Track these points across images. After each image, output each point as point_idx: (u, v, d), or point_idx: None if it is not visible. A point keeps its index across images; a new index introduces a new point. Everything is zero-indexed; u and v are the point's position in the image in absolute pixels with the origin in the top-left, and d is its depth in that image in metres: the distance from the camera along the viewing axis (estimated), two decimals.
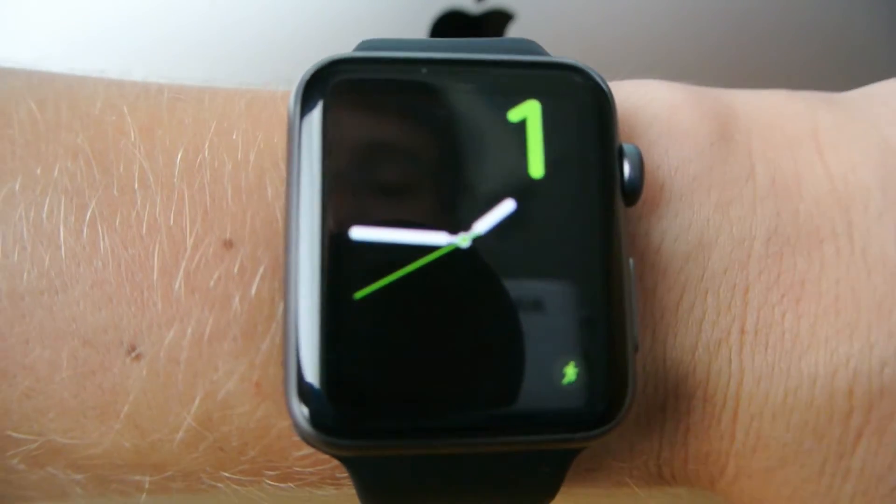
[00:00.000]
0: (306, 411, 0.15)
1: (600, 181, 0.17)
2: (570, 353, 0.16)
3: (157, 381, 0.16)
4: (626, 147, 0.17)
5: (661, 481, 0.19)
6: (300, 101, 0.16)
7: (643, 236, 0.18)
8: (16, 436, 0.17)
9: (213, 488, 0.18)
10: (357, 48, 0.18)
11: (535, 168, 0.17)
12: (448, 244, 0.16)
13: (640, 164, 0.17)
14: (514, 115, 0.17)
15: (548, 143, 0.17)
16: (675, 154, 0.18)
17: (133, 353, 0.16)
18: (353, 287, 0.16)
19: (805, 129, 0.19)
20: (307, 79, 0.17)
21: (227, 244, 0.17)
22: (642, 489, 0.19)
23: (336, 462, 0.17)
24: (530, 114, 0.17)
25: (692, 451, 0.18)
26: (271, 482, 0.18)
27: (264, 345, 0.17)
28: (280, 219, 0.17)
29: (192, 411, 0.17)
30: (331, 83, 0.17)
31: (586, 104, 0.17)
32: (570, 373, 0.16)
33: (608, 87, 0.17)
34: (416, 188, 0.16)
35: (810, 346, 0.18)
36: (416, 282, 0.16)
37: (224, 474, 0.18)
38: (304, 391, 0.15)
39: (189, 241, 0.17)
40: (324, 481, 0.18)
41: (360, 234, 0.16)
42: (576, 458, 0.17)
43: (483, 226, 0.16)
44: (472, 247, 0.16)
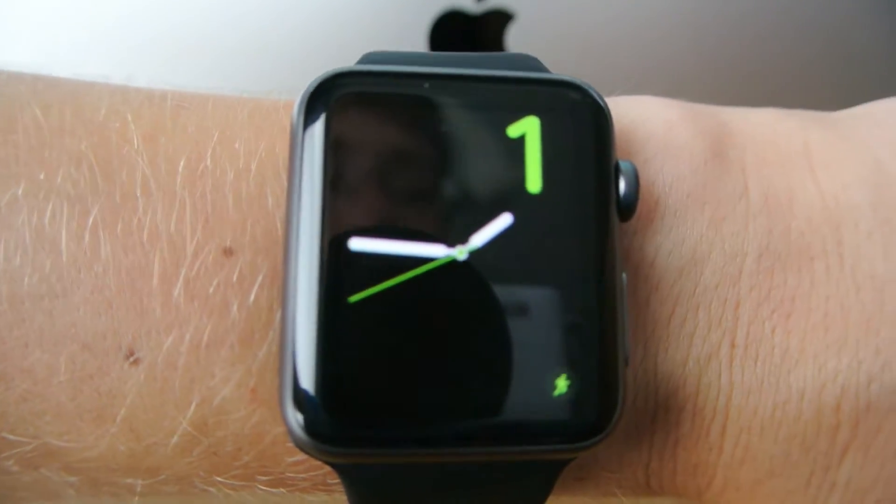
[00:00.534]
0: (301, 419, 0.16)
1: (596, 197, 0.17)
2: (562, 365, 0.16)
3: (154, 386, 0.17)
4: (622, 164, 0.18)
5: (649, 492, 0.19)
6: (303, 112, 0.17)
7: (637, 250, 0.18)
8: (11, 438, 0.17)
9: (206, 492, 0.18)
10: (360, 61, 0.18)
11: (533, 183, 0.17)
12: (445, 256, 0.16)
13: (635, 181, 0.17)
14: (514, 130, 0.17)
15: (546, 159, 0.17)
16: (669, 171, 0.18)
17: (131, 358, 0.17)
18: (350, 294, 0.16)
19: (798, 148, 0.19)
20: (311, 91, 0.17)
21: (228, 252, 0.17)
22: (630, 499, 0.20)
23: (328, 468, 0.17)
24: (529, 130, 0.17)
25: (681, 463, 0.19)
26: (263, 487, 0.18)
27: (261, 352, 0.17)
28: (280, 228, 0.17)
29: (188, 416, 0.17)
30: (334, 96, 0.17)
31: (584, 121, 0.17)
32: (562, 385, 0.16)
33: (606, 105, 0.18)
34: (415, 201, 0.17)
35: (799, 361, 0.18)
36: (412, 293, 0.16)
37: (217, 478, 0.18)
38: (299, 399, 0.16)
39: (189, 249, 0.17)
40: (315, 487, 0.18)
41: (358, 245, 0.16)
42: (565, 468, 0.18)
43: (480, 239, 0.16)
44: (469, 259, 0.16)
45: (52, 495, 0.19)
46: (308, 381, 0.16)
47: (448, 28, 0.31)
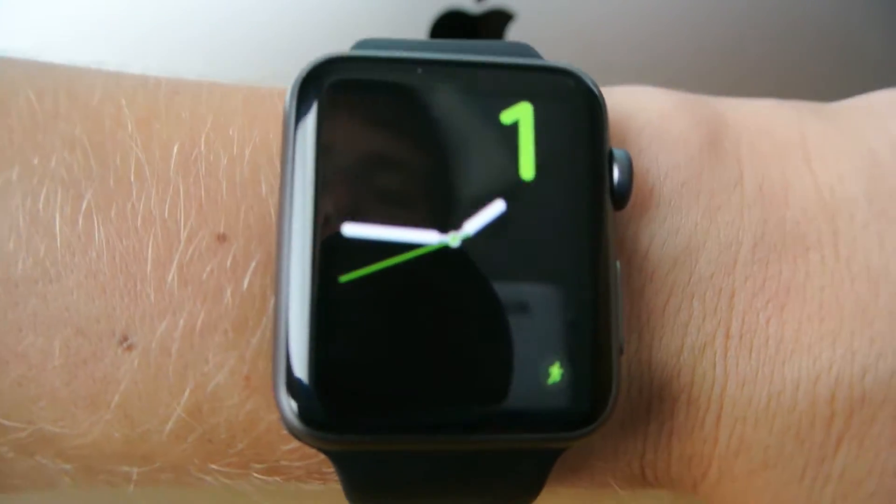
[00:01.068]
0: (294, 405, 0.16)
1: (589, 185, 0.17)
2: (556, 353, 0.16)
3: (148, 372, 0.17)
4: (616, 152, 0.18)
5: (645, 483, 0.19)
6: (296, 98, 0.17)
7: (632, 240, 0.18)
8: (6, 423, 0.17)
9: (201, 481, 0.18)
10: (354, 47, 0.18)
11: (526, 170, 0.17)
12: (438, 243, 0.16)
13: (629, 169, 0.17)
14: (507, 116, 0.17)
15: (539, 146, 0.17)
16: (664, 160, 0.18)
17: (125, 344, 0.17)
18: (345, 286, 0.16)
19: (794, 138, 0.19)
20: (303, 77, 0.17)
21: (221, 238, 0.17)
22: (626, 490, 0.20)
23: (323, 456, 0.17)
24: (522, 116, 0.17)
25: (676, 454, 0.19)
26: (259, 475, 0.18)
27: (255, 339, 0.17)
28: (273, 214, 0.17)
29: (182, 402, 0.17)
30: (326, 82, 0.17)
31: (578, 108, 0.17)
32: (555, 373, 0.16)
33: (600, 92, 0.18)
34: (408, 187, 0.17)
35: (794, 351, 0.18)
36: (405, 280, 0.16)
37: (212, 466, 0.18)
38: (292, 385, 0.16)
39: (183, 234, 0.17)
40: (310, 475, 0.18)
41: (351, 230, 0.16)
42: (560, 458, 0.18)
43: (473, 226, 0.16)
44: (462, 246, 0.16)
45: (47, 483, 0.19)
46: (301, 367, 0.16)
47: (448, 28, 0.31)
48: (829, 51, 0.33)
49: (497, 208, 0.17)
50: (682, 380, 0.18)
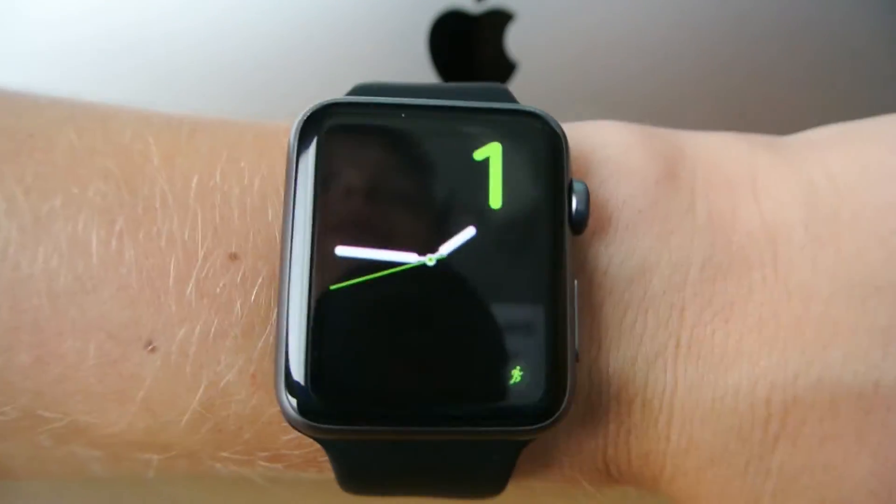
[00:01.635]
0: (293, 400, 0.18)
1: (550, 212, 0.19)
2: (517, 358, 0.19)
3: (169, 371, 0.19)
4: (575, 184, 0.20)
5: (610, 479, 0.21)
6: (297, 138, 0.19)
7: (593, 260, 0.20)
8: (46, 415, 0.20)
9: (213, 468, 0.21)
10: (350, 91, 0.21)
11: (495, 200, 0.19)
12: (416, 262, 0.19)
13: (586, 199, 0.20)
14: (479, 154, 0.20)
15: (506, 179, 0.19)
16: (623, 190, 0.21)
17: (149, 347, 0.19)
18: (337, 298, 0.19)
19: (744, 170, 0.22)
20: (304, 119, 0.19)
21: (233, 257, 0.20)
22: (595, 487, 0.22)
23: (317, 446, 0.19)
24: (493, 154, 0.20)
25: (634, 451, 0.21)
26: (263, 462, 0.20)
27: (260, 343, 0.19)
28: (278, 237, 0.20)
29: (198, 397, 0.19)
30: (324, 125, 0.19)
31: (541, 146, 0.20)
32: (517, 375, 0.19)
33: (562, 131, 0.20)
34: (392, 215, 0.19)
35: (735, 360, 0.20)
36: (388, 293, 0.19)
37: (222, 454, 0.20)
38: (291, 383, 0.18)
39: (200, 254, 0.19)
40: (308, 464, 0.21)
41: (343, 251, 0.19)
42: (530, 453, 0.20)
43: (447, 248, 0.19)
44: (437, 265, 0.19)
45: (78, 469, 0.21)
46: (299, 368, 0.18)
47: (448, 28, 0.32)
48: (829, 51, 0.33)
49: (468, 233, 0.19)
50: (636, 384, 0.20)
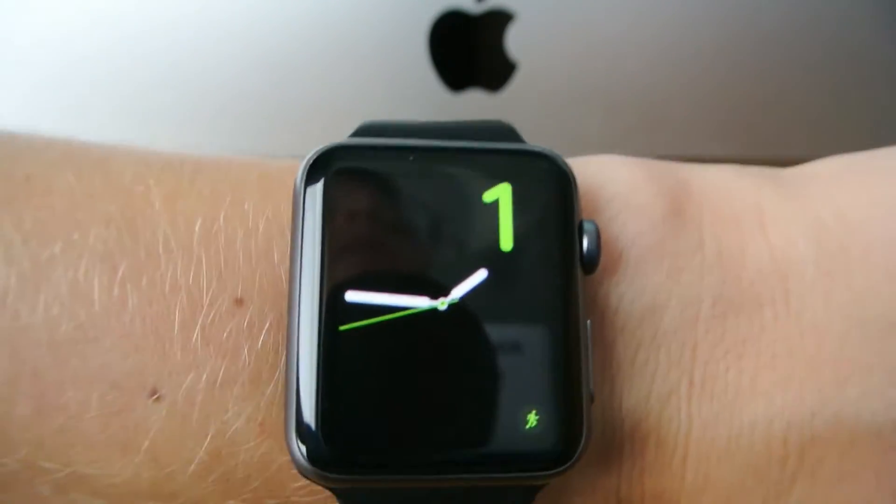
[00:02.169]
0: (304, 449, 0.18)
1: (561, 253, 0.19)
2: (532, 402, 0.18)
3: (175, 421, 0.19)
4: (586, 224, 0.20)
5: None
6: (304, 182, 0.19)
7: (603, 298, 0.20)
8: (46, 465, 0.19)
9: None
10: (355, 131, 0.20)
11: (506, 242, 0.19)
12: (428, 306, 0.19)
13: (597, 239, 0.20)
14: (489, 196, 0.19)
15: (517, 221, 0.19)
16: (632, 227, 0.21)
17: (154, 396, 0.19)
18: (348, 344, 0.18)
19: (751, 205, 0.22)
20: (310, 163, 0.19)
21: (239, 302, 0.19)
22: None
23: (328, 493, 0.19)
24: (502, 195, 0.19)
25: (648, 490, 0.20)
26: None
27: (268, 390, 0.19)
28: (284, 280, 0.19)
29: (205, 447, 0.19)
30: (331, 168, 0.19)
31: (551, 186, 0.20)
32: (532, 419, 0.18)
33: (571, 171, 0.20)
34: (403, 259, 0.19)
35: (750, 397, 0.20)
36: (400, 340, 0.18)
37: (229, 502, 0.20)
38: (302, 432, 0.18)
39: (205, 300, 0.19)
40: None
41: (353, 297, 0.18)
42: (542, 495, 0.20)
43: (459, 292, 0.19)
44: (449, 309, 0.19)
45: None
46: (310, 416, 0.18)
47: (448, 28, 0.32)
48: (829, 51, 0.33)
49: (480, 276, 0.19)
50: (650, 423, 0.20)
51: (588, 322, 0.19)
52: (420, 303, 0.19)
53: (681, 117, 0.33)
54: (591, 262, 0.20)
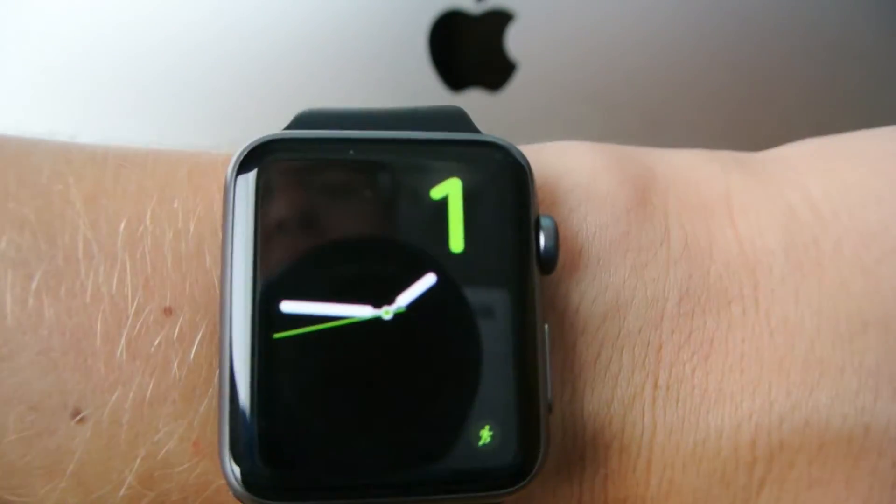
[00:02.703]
0: (238, 471, 0.17)
1: (516, 253, 0.18)
2: (485, 417, 0.17)
3: (101, 442, 0.17)
4: (543, 219, 0.18)
5: None
6: (234, 178, 0.17)
7: (563, 298, 0.19)
8: None
9: None
10: (292, 123, 0.19)
11: (456, 243, 0.18)
12: (372, 315, 0.17)
13: (555, 236, 0.18)
14: (437, 192, 0.18)
15: (467, 219, 0.18)
16: (593, 220, 0.19)
17: (78, 417, 0.17)
18: (285, 355, 0.17)
19: (719, 193, 0.20)
20: (242, 157, 0.18)
21: (167, 311, 0.18)
22: None
23: None
24: (452, 191, 0.18)
25: (611, 497, 0.20)
26: None
27: (202, 407, 0.18)
28: (217, 285, 0.18)
29: (134, 469, 0.18)
30: (265, 163, 0.18)
31: (505, 180, 0.18)
32: (486, 435, 0.17)
33: (527, 163, 0.19)
34: (343, 263, 0.17)
35: (717, 401, 0.19)
36: (342, 351, 0.17)
37: None
38: (236, 452, 0.17)
39: (131, 309, 0.18)
40: None
41: (289, 307, 0.17)
42: None
43: (405, 299, 0.17)
44: (395, 318, 0.17)
45: None
46: (245, 435, 0.17)
47: (448, 28, 0.32)
48: (829, 49, 0.33)
49: (428, 281, 0.17)
50: (613, 428, 0.19)
51: (546, 326, 0.18)
52: (363, 312, 0.17)
53: (681, 117, 0.33)
54: (549, 262, 0.18)
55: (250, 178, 0.17)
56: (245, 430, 0.17)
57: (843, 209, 0.20)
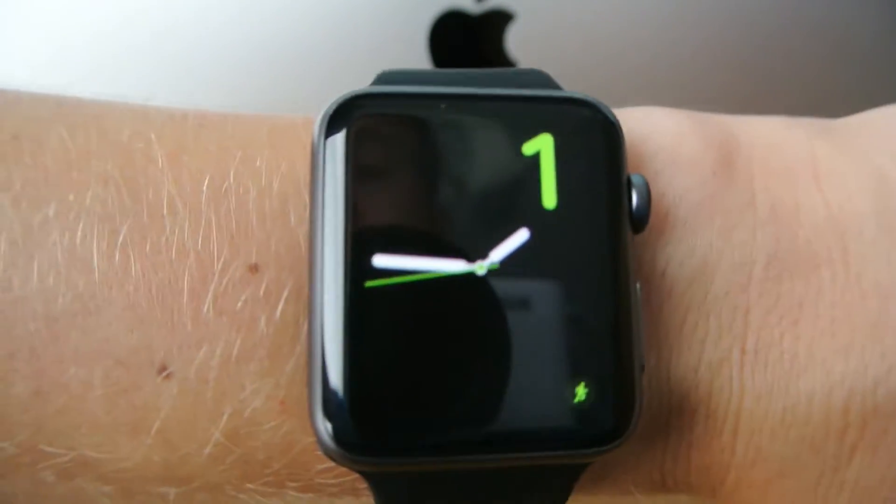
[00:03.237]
0: (330, 428, 0.16)
1: (609, 211, 0.18)
2: (581, 374, 0.17)
3: (187, 400, 0.17)
4: (634, 178, 0.18)
5: (665, 489, 0.20)
6: (324, 134, 0.17)
7: (649, 261, 0.19)
8: (48, 450, 0.18)
9: (236, 499, 0.19)
10: (376, 80, 0.19)
11: (548, 199, 0.17)
12: (465, 270, 0.17)
13: (647, 195, 0.18)
14: (528, 148, 0.18)
15: (560, 175, 0.18)
16: (679, 183, 0.19)
17: (164, 373, 0.17)
18: (378, 311, 0.17)
19: (804, 158, 0.20)
20: (331, 112, 0.17)
21: (253, 268, 0.18)
22: (648, 497, 0.20)
23: (356, 475, 0.18)
24: (543, 147, 0.18)
25: (695, 464, 0.19)
26: (293, 492, 0.19)
27: (289, 365, 0.17)
28: (303, 244, 0.18)
29: (221, 427, 0.17)
30: (353, 117, 0.17)
31: (596, 137, 0.18)
32: (581, 392, 0.17)
33: (617, 121, 0.18)
34: (435, 219, 0.17)
35: (807, 366, 0.18)
36: (434, 307, 0.17)
37: (248, 486, 0.18)
38: (328, 409, 0.16)
39: (217, 266, 0.17)
40: (344, 492, 0.19)
41: (381, 261, 0.17)
42: (585, 470, 0.18)
43: (499, 254, 0.17)
44: (488, 274, 0.17)
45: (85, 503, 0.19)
46: (337, 391, 0.16)
47: (448, 28, 0.31)
48: (833, 55, 0.33)
49: (521, 237, 0.17)
50: (699, 394, 0.19)
51: (638, 285, 0.18)
52: (456, 267, 0.17)
53: None
54: (640, 220, 0.18)
55: (340, 133, 0.17)
56: (337, 385, 0.16)
57: None
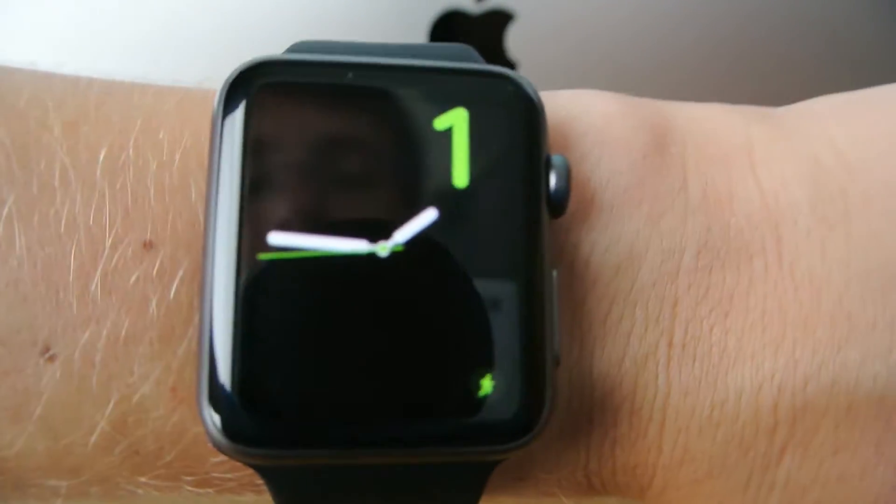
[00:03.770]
0: (217, 419, 0.15)
1: (525, 192, 0.17)
2: (486, 365, 0.16)
3: (71, 383, 0.16)
4: (554, 158, 0.17)
5: (592, 491, 0.19)
6: (223, 101, 0.16)
7: (572, 248, 0.18)
8: None
9: (133, 494, 0.18)
10: (289, 49, 0.18)
11: (460, 177, 0.16)
12: (367, 251, 0.16)
13: (566, 176, 0.17)
14: (441, 122, 0.17)
15: (473, 153, 0.17)
16: (606, 166, 0.18)
17: (47, 354, 0.16)
18: (270, 292, 0.16)
19: (740, 144, 0.19)
20: (232, 79, 0.16)
21: (148, 245, 0.17)
22: (573, 499, 0.19)
23: (251, 470, 0.17)
24: (457, 122, 0.17)
25: (619, 463, 0.18)
26: (190, 487, 0.18)
27: (181, 349, 0.16)
28: (202, 221, 0.17)
29: (107, 414, 0.16)
30: (255, 84, 0.16)
31: (515, 114, 0.17)
32: (487, 385, 0.16)
33: (538, 98, 0.17)
34: (337, 195, 0.16)
35: (737, 360, 0.18)
36: (334, 289, 0.16)
37: (141, 479, 0.17)
38: (215, 398, 0.15)
39: (108, 241, 0.16)
40: (244, 488, 0.18)
41: (277, 239, 0.16)
42: (501, 469, 0.17)
43: (403, 235, 0.16)
44: (392, 255, 0.16)
45: None
46: (225, 379, 0.15)
47: (448, 28, 0.31)
48: (832, 55, 0.33)
49: (429, 217, 0.16)
50: (624, 389, 0.18)
51: (554, 273, 0.17)
52: (357, 247, 0.16)
53: None
54: (558, 203, 0.17)
55: (239, 102, 0.16)
56: (224, 371, 0.15)
57: (872, 160, 0.18)
